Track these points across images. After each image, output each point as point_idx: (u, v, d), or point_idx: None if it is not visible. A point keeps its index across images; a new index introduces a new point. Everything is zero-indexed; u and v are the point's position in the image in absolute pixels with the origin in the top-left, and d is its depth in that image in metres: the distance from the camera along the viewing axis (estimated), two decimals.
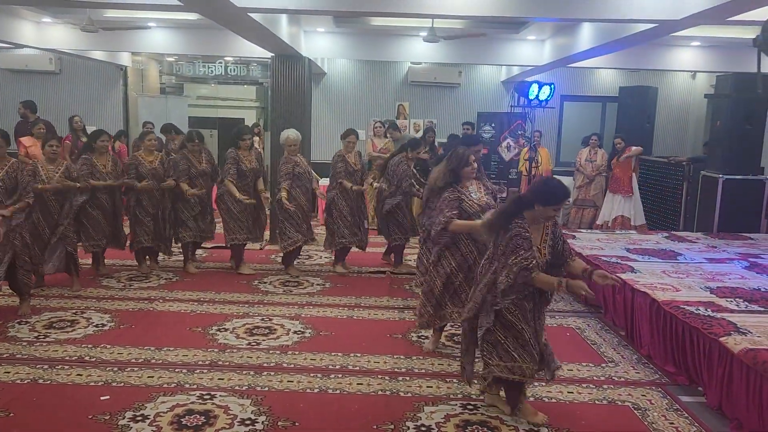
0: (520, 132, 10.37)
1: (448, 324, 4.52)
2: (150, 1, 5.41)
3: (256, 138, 9.68)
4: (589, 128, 10.71)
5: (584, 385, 4.00)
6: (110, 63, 11.58)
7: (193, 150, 6.42)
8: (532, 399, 3.77)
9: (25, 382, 3.79)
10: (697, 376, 3.94)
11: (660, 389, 3.97)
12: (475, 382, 3.72)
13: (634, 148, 8.48)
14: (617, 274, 5.08)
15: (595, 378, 4.13)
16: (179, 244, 6.61)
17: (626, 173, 8.48)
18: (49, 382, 3.81)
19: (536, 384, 3.97)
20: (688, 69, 10.58)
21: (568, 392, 3.90)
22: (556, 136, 12.18)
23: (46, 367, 4.01)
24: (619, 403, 3.77)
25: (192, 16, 7.95)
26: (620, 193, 8.47)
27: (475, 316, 3.46)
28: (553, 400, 3.79)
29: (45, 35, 9.29)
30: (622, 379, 4.12)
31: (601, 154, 9.11)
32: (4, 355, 4.18)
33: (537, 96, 9.23)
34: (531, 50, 9.45)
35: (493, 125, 11.36)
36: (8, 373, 3.89)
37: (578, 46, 7.55)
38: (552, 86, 9.31)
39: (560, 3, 5.62)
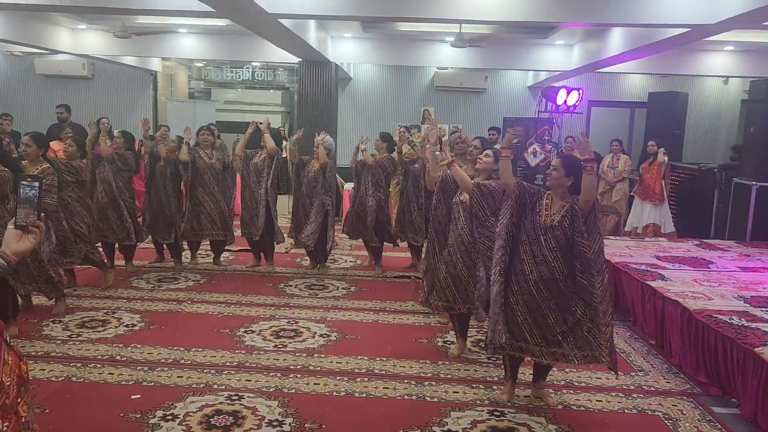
0: (546, 137, 10.30)
1: (474, 330, 4.52)
2: (183, 8, 5.51)
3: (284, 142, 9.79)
4: (616, 134, 10.58)
5: (613, 394, 3.95)
6: (141, 68, 11.80)
7: (203, 142, 6.53)
8: (560, 406, 3.74)
9: (60, 379, 3.87)
10: (730, 386, 3.86)
11: (692, 399, 3.90)
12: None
13: (660, 155, 8.30)
14: (647, 282, 5.04)
15: (624, 387, 4.08)
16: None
17: (657, 180, 8.34)
18: (82, 380, 3.88)
19: (564, 391, 3.93)
20: (720, 74, 10.42)
21: (597, 400, 3.85)
22: None
23: (79, 365, 4.09)
24: (650, 413, 3.71)
25: (221, 22, 8.07)
26: (651, 200, 8.33)
27: None
28: (581, 408, 3.75)
29: (80, 41, 9.51)
30: (652, 389, 4.06)
31: (624, 160, 8.97)
32: (40, 353, 4.27)
33: (565, 101, 9.16)
34: (559, 55, 9.40)
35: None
36: (43, 370, 3.97)
37: (608, 51, 7.48)
38: (580, 91, 9.24)
39: (591, 8, 5.58)
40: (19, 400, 1.44)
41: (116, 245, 6.34)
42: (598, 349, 3.43)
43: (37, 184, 1.62)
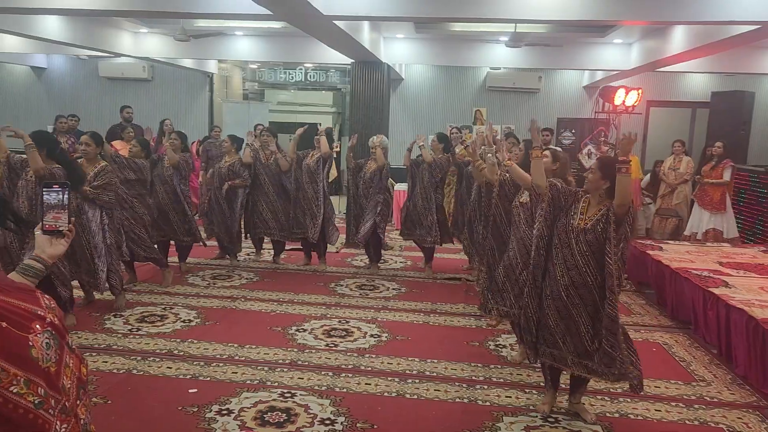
0: (602, 139, 10.05)
1: None
2: (241, 11, 5.62)
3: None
4: (677, 135, 10.21)
5: (673, 404, 3.82)
6: (198, 70, 12.12)
7: (263, 143, 6.67)
8: (617, 415, 3.64)
9: (121, 372, 4.01)
10: None
11: (758, 413, 3.73)
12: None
13: (726, 170, 7.93)
14: (710, 289, 4.85)
15: (684, 397, 3.93)
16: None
17: (718, 188, 7.99)
18: (142, 373, 4.01)
19: (621, 399, 3.83)
20: None
21: (656, 410, 3.73)
22: (642, 143, 11.73)
23: (139, 358, 4.23)
24: (713, 425, 3.57)
25: (276, 24, 8.21)
26: (710, 210, 7.99)
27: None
28: (639, 418, 3.64)
29: (141, 45, 9.84)
30: (715, 400, 3.91)
31: (686, 161, 8.62)
32: (102, 346, 4.43)
33: (623, 101, 8.91)
34: (617, 54, 9.15)
35: (573, 131, 11.08)
36: (106, 362, 4.12)
37: (669, 49, 7.24)
38: (639, 91, 8.97)
39: (652, 5, 5.41)
40: (78, 402, 1.47)
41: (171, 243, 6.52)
42: (622, 366, 3.26)
43: (63, 189, 1.64)
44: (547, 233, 3.47)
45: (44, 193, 1.63)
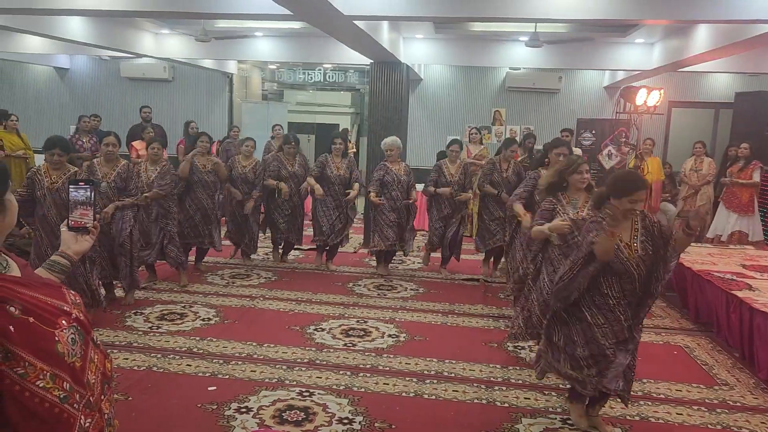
0: (623, 139, 9.94)
1: None
2: (262, 11, 5.65)
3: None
4: (699, 136, 10.09)
5: (695, 408, 3.77)
6: (218, 71, 12.21)
7: (288, 152, 6.70)
8: (637, 418, 3.60)
9: (142, 369, 4.05)
10: None
11: None
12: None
13: (755, 171, 7.79)
14: (733, 292, 4.78)
15: (707, 401, 3.88)
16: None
17: (746, 190, 7.86)
18: (162, 370, 4.05)
19: (641, 402, 3.78)
20: None
21: (677, 413, 3.68)
22: (663, 144, 11.58)
23: (159, 356, 4.27)
24: (735, 429, 3.52)
25: (296, 25, 8.23)
26: (738, 212, 7.86)
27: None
28: (660, 421, 3.59)
29: (162, 45, 9.94)
30: (738, 404, 3.85)
31: (708, 162, 8.50)
32: (123, 343, 4.48)
33: (645, 102, 8.80)
34: (639, 54, 9.03)
35: (593, 132, 10.96)
36: (126, 359, 4.17)
37: (692, 49, 7.13)
38: (661, 91, 8.85)
39: (675, 4, 5.33)
40: (102, 397, 1.49)
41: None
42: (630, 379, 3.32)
43: (89, 186, 1.66)
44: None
45: (71, 190, 1.65)
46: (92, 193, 1.65)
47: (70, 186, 1.66)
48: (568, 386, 3.56)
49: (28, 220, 4.87)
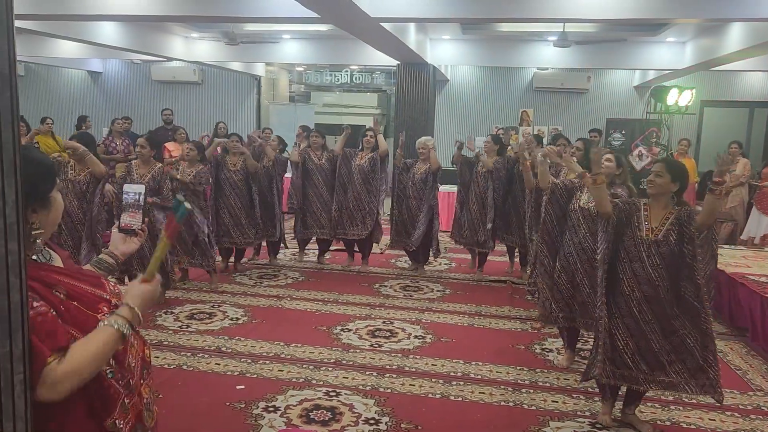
0: (654, 140, 9.79)
1: (581, 340, 4.37)
2: (290, 14, 5.71)
3: None
4: (732, 136, 9.87)
5: (728, 414, 3.69)
6: (246, 73, 12.36)
7: (314, 144, 6.73)
8: (668, 423, 3.54)
9: (172, 367, 4.12)
10: None
11: None
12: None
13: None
14: None
15: (740, 407, 3.79)
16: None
17: None
18: (191, 368, 4.11)
19: (672, 407, 3.72)
20: None
21: (710, 419, 3.61)
22: (695, 144, 11.37)
23: (189, 354, 4.34)
24: None
25: (323, 27, 8.30)
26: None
27: None
28: (692, 427, 3.53)
29: (192, 49, 10.10)
30: None
31: (743, 163, 8.30)
32: (153, 342, 4.56)
33: (676, 101, 8.65)
34: (670, 53, 8.89)
35: (623, 132, 10.82)
36: (157, 357, 4.24)
37: (725, 47, 6.99)
38: (693, 91, 8.69)
39: (708, 2, 5.23)
40: (141, 381, 1.56)
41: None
42: (716, 378, 3.18)
43: (141, 190, 1.72)
44: (611, 252, 3.32)
45: (124, 193, 1.72)
46: (142, 197, 1.71)
47: (123, 189, 1.73)
48: (596, 388, 3.52)
49: None
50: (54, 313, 1.32)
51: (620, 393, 3.64)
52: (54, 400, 1.30)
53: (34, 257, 1.42)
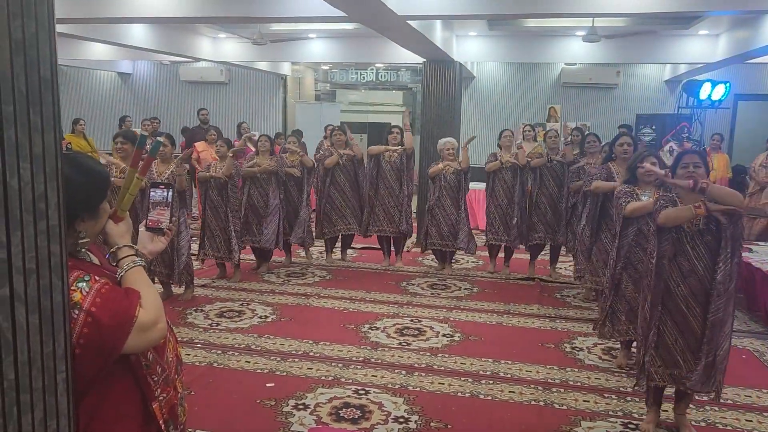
0: (685, 135, 9.59)
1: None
2: (317, 14, 5.73)
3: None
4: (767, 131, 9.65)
5: (765, 414, 3.61)
6: (272, 73, 12.44)
7: (337, 141, 6.78)
8: (703, 424, 3.47)
9: (203, 365, 4.17)
10: None
11: None
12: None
13: None
14: None
15: None
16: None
17: None
18: (222, 366, 4.16)
19: (707, 408, 3.64)
20: None
21: (746, 420, 3.53)
22: (729, 139, 11.12)
23: (219, 352, 4.39)
24: None
25: (348, 26, 8.30)
26: None
27: None
28: (729, 428, 3.45)
29: (219, 49, 10.21)
30: None
31: None
32: (185, 339, 4.62)
33: (709, 96, 8.46)
34: (702, 46, 8.69)
35: (653, 128, 10.62)
36: (188, 355, 4.30)
37: (761, 40, 6.81)
38: (727, 85, 8.49)
39: None
40: (176, 376, 1.60)
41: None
42: (721, 376, 3.18)
43: (169, 189, 1.71)
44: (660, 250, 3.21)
45: (152, 191, 1.71)
46: (170, 195, 1.70)
47: (151, 187, 1.72)
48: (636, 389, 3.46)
49: None
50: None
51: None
52: (145, 348, 1.43)
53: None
